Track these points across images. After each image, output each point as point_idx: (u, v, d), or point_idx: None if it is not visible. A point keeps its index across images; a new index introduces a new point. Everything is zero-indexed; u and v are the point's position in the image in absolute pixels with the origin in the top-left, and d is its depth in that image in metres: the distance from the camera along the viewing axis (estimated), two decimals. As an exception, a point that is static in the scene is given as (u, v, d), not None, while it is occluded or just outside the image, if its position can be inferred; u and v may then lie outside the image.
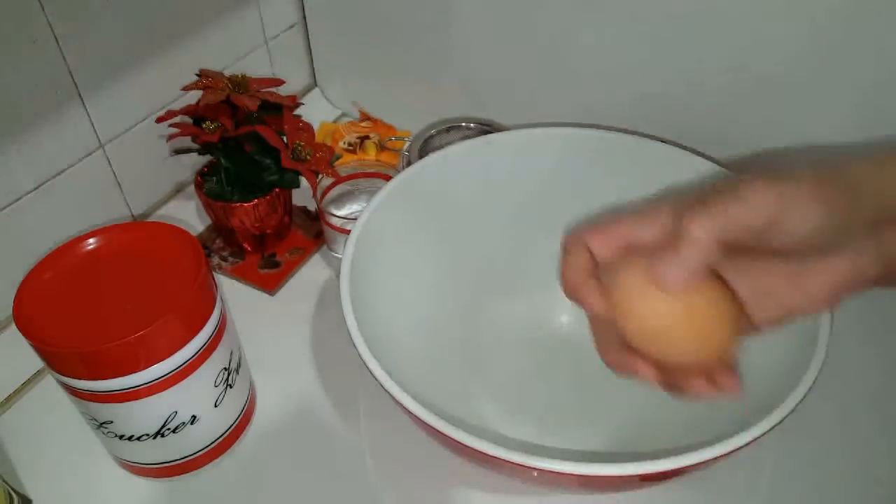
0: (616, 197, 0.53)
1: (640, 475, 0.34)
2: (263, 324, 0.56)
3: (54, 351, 0.38)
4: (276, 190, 0.58)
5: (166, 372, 0.40)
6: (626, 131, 0.52)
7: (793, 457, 0.47)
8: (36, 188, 0.55)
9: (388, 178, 0.53)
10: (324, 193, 0.60)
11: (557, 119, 0.62)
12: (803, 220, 0.29)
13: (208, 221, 0.65)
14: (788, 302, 0.33)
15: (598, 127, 0.53)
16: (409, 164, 0.55)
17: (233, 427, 0.47)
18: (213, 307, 0.42)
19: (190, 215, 0.66)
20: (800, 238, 0.30)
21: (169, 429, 0.42)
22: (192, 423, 0.43)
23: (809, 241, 0.30)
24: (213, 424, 0.45)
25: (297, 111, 0.58)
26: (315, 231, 0.64)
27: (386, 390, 0.38)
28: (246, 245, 0.62)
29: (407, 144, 0.65)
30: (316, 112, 0.77)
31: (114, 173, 0.61)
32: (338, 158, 0.57)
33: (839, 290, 0.32)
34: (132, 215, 0.65)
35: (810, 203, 0.29)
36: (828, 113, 0.51)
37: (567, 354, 0.53)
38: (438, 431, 0.36)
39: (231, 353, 0.45)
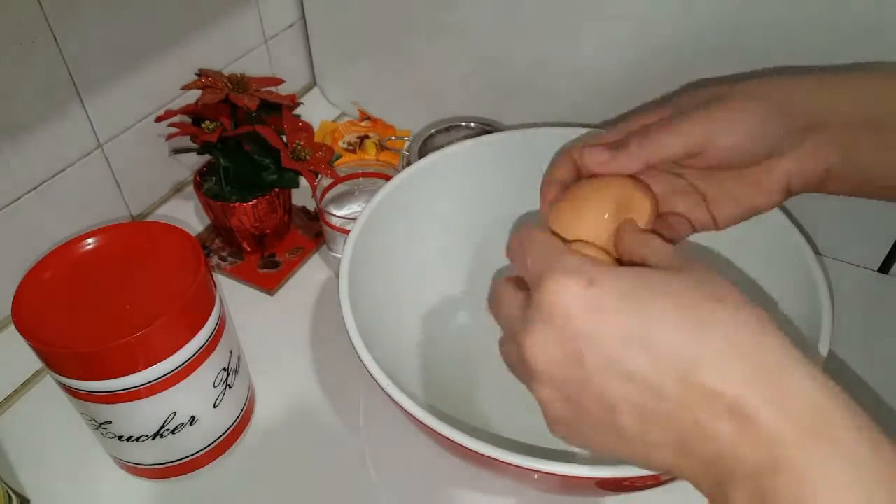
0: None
1: (644, 476, 0.34)
2: (263, 324, 0.56)
3: (53, 351, 0.37)
4: (276, 190, 0.58)
5: (165, 372, 0.40)
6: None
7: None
8: (35, 188, 0.55)
9: (388, 177, 0.53)
10: (323, 193, 0.60)
11: (557, 119, 0.62)
12: (732, 136, 0.36)
13: (207, 221, 0.64)
14: (746, 200, 0.39)
15: (599, 127, 0.53)
16: (409, 164, 0.55)
17: (232, 428, 0.47)
18: (213, 307, 0.42)
19: (189, 215, 0.66)
20: (740, 149, 0.36)
21: (168, 429, 0.42)
22: (191, 424, 0.43)
23: (751, 151, 0.36)
24: (213, 425, 0.45)
25: (297, 111, 0.58)
26: (315, 231, 0.64)
27: (385, 391, 0.38)
28: (245, 245, 0.61)
29: (407, 144, 0.65)
30: (316, 112, 0.77)
31: (113, 173, 0.61)
32: (338, 158, 0.57)
33: (788, 183, 0.38)
34: (131, 215, 0.65)
35: (738, 122, 0.36)
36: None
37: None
38: (437, 433, 0.36)
39: (230, 353, 0.45)
